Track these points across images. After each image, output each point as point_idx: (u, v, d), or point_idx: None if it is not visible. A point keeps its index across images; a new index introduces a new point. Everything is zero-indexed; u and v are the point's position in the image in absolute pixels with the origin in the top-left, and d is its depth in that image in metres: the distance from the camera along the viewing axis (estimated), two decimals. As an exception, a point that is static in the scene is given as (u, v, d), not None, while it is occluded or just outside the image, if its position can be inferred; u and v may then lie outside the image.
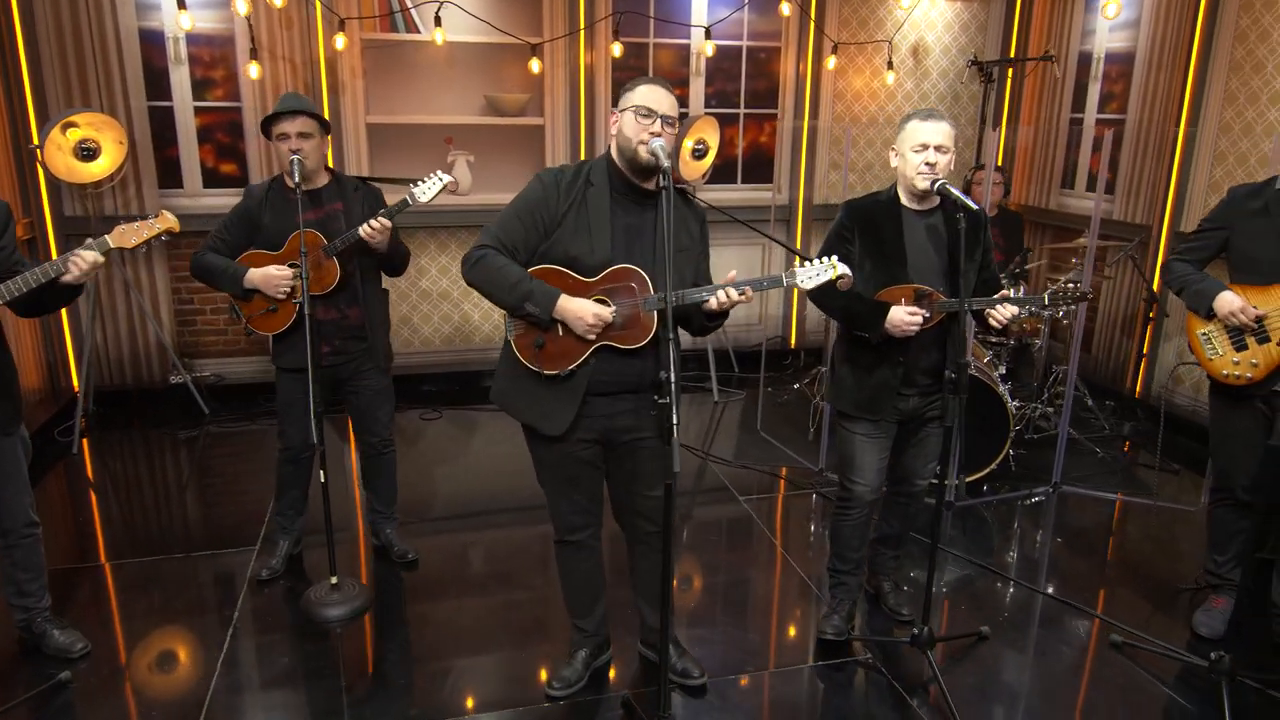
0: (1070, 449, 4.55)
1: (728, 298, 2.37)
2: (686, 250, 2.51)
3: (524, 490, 4.31)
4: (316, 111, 3.18)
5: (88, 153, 4.62)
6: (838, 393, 3.03)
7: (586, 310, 2.39)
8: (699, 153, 5.63)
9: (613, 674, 2.96)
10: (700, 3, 5.79)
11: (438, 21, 5.10)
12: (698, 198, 2.61)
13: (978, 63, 5.46)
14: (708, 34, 5.64)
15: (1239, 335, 2.96)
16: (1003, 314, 2.72)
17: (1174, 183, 5.12)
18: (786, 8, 5.68)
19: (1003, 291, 2.81)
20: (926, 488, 3.19)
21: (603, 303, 2.42)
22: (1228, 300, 2.93)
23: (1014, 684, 2.96)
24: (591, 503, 2.70)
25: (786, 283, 2.46)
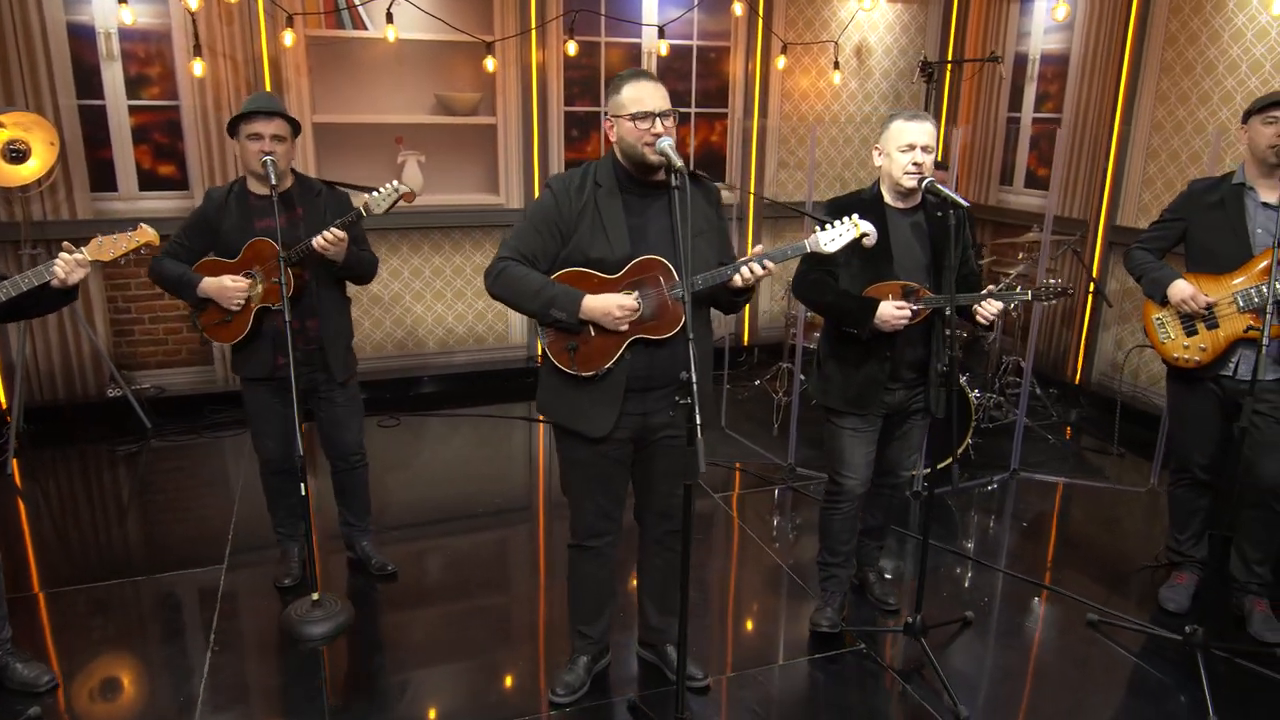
0: (1024, 436, 4.72)
1: (751, 272, 2.37)
2: (705, 233, 2.49)
3: (495, 494, 4.29)
4: (289, 113, 3.07)
5: (16, 155, 4.35)
6: (825, 389, 3.07)
7: (611, 303, 2.37)
8: (654, 152, 5.63)
9: (610, 677, 2.93)
10: (651, 2, 5.79)
11: (389, 18, 4.97)
12: (705, 177, 2.58)
13: (928, 63, 5.60)
14: (661, 33, 5.64)
15: (1190, 321, 3.11)
16: (990, 310, 2.79)
17: (1109, 179, 5.36)
18: (739, 8, 5.73)
19: (989, 287, 2.88)
20: (909, 479, 3.26)
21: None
22: (1180, 288, 3.08)
23: (1001, 665, 3.06)
24: (615, 507, 2.67)
25: (810, 248, 2.47)
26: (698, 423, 2.10)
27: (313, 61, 5.25)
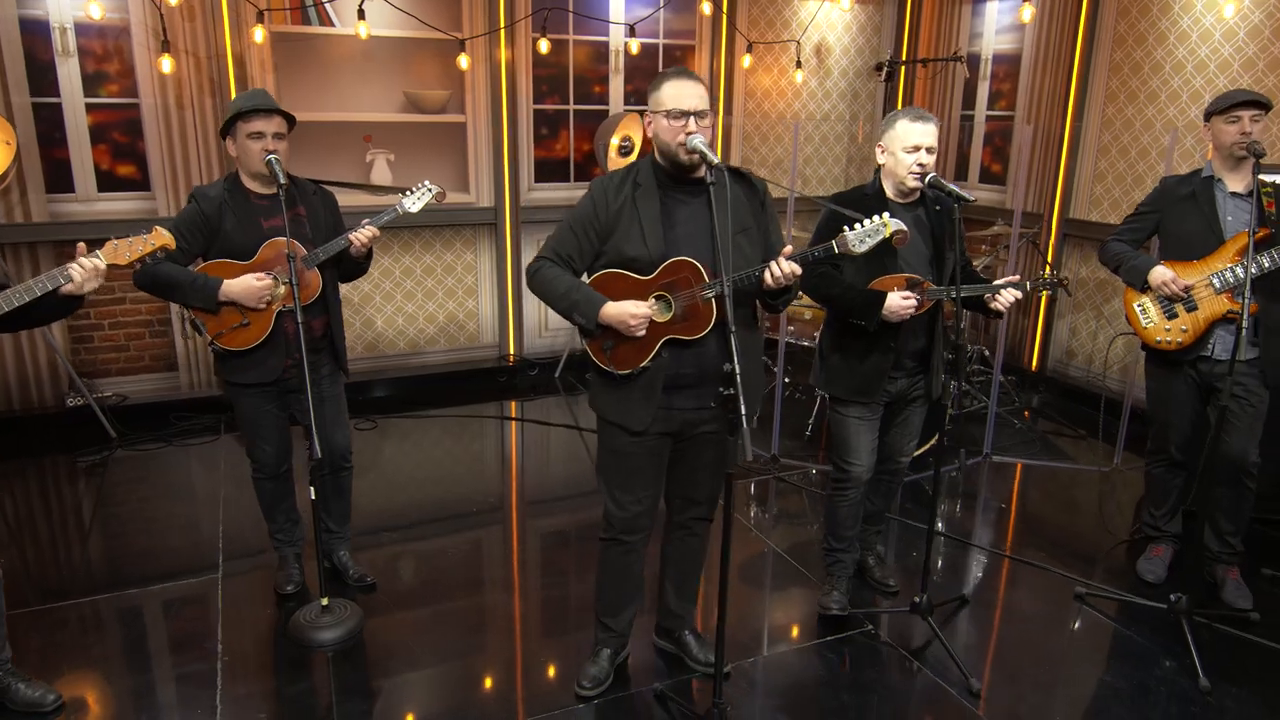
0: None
1: (780, 271, 2.40)
2: (748, 230, 2.53)
3: (473, 494, 4.27)
4: (286, 111, 3.01)
5: (-28, 155, 4.15)
6: (831, 379, 3.15)
7: (625, 311, 2.41)
8: (625, 149, 5.68)
9: (629, 668, 2.97)
10: (618, 1, 5.82)
11: (361, 15, 4.90)
12: (750, 173, 2.61)
13: (894, 62, 5.77)
14: (632, 31, 5.68)
15: (1169, 305, 3.30)
16: (1006, 299, 2.91)
17: (1062, 173, 5.60)
18: (708, 7, 5.81)
19: (1009, 278, 3.00)
20: (907, 465, 3.38)
21: (662, 298, 2.43)
22: (1160, 273, 3.26)
23: (1000, 639, 3.19)
24: (651, 501, 2.70)
25: (839, 249, 2.52)
26: (742, 413, 2.15)
27: (278, 59, 5.13)
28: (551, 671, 2.98)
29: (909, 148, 2.89)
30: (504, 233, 5.83)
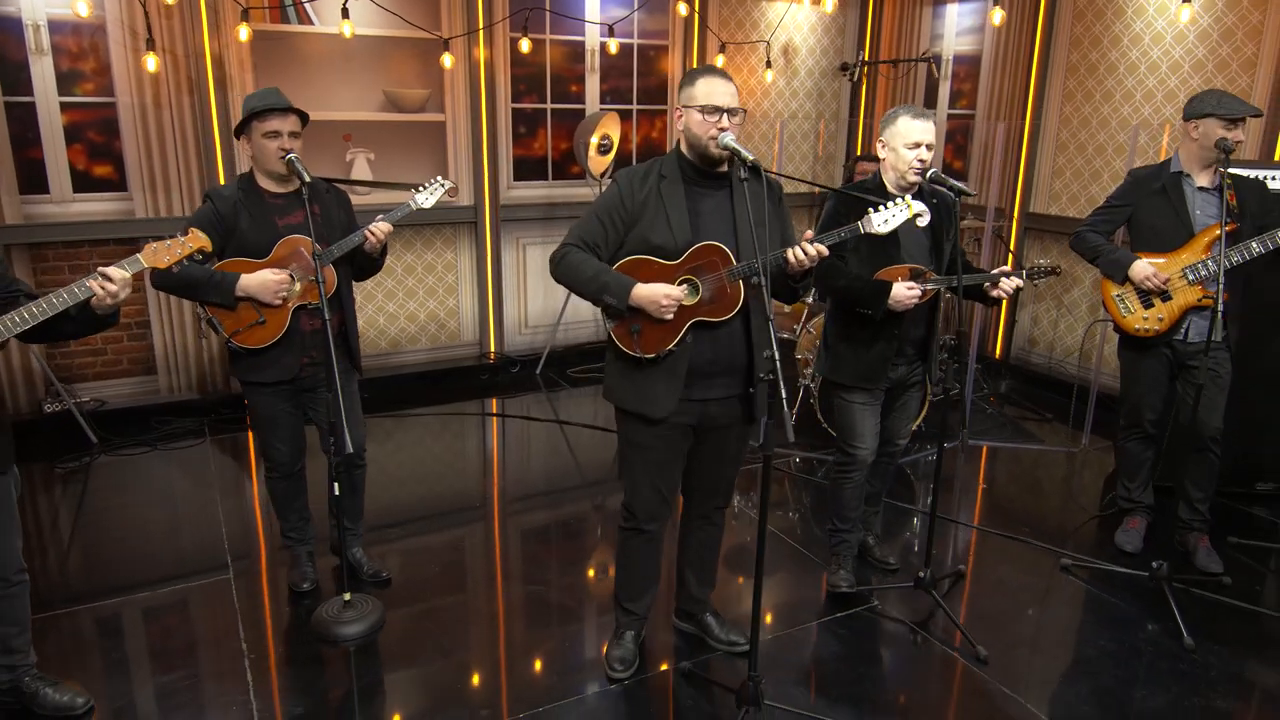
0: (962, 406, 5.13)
1: (804, 254, 2.50)
2: (766, 225, 2.62)
3: (473, 488, 4.31)
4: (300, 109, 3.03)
5: (-52, 155, 4.04)
6: (836, 366, 3.29)
7: (658, 292, 2.49)
8: (604, 148, 5.77)
9: (648, 647, 3.06)
10: (593, 1, 5.90)
11: (345, 13, 4.89)
12: (770, 172, 2.72)
13: (864, 63, 5.95)
14: (611, 31, 5.76)
15: (1146, 295, 3.52)
16: (1008, 287, 3.08)
17: (1022, 169, 5.87)
18: (684, 8, 5.92)
19: (1002, 268, 3.17)
20: (904, 447, 3.54)
21: (689, 282, 2.53)
22: (1141, 268, 3.47)
23: (999, 610, 3.37)
24: (671, 492, 2.79)
25: (864, 229, 2.65)
26: (783, 395, 2.26)
27: (256, 57, 5.08)
28: (569, 656, 3.05)
29: (910, 144, 3.03)
30: (484, 231, 5.86)
